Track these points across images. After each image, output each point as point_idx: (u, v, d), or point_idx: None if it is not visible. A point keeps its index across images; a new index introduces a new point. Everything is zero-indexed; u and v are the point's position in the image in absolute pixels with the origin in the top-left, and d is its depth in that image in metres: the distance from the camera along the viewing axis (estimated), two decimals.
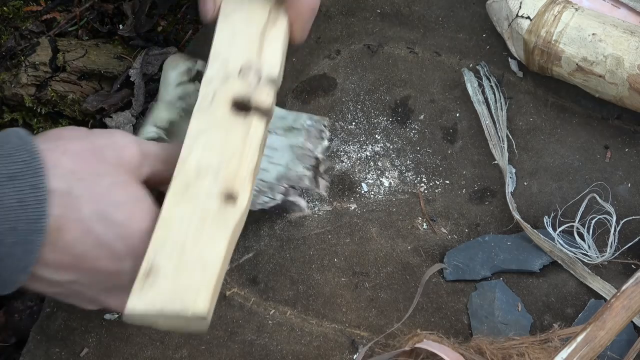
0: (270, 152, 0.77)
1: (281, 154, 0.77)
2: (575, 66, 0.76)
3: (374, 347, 0.70)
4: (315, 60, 0.84)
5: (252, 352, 0.72)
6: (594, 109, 0.80)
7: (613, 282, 0.73)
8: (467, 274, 0.74)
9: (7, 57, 0.84)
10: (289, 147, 0.77)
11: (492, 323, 0.72)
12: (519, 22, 0.77)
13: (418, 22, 0.85)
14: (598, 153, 0.78)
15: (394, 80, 0.83)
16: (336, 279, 0.74)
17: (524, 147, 0.79)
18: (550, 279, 0.74)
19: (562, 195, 0.77)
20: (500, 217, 0.77)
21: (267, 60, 0.73)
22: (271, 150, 0.77)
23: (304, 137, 0.78)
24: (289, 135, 0.78)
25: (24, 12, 0.89)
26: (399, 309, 0.73)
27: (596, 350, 0.64)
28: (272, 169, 0.76)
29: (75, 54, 0.84)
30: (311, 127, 0.79)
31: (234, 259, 0.76)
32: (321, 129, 0.79)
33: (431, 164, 0.79)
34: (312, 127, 0.79)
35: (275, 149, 0.77)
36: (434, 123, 0.81)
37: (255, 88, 0.70)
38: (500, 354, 0.66)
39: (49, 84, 0.82)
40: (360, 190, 0.79)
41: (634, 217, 0.75)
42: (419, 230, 0.77)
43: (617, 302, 0.65)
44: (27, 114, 0.84)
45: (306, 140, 0.78)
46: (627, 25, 0.76)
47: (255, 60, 0.73)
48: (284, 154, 0.77)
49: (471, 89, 0.81)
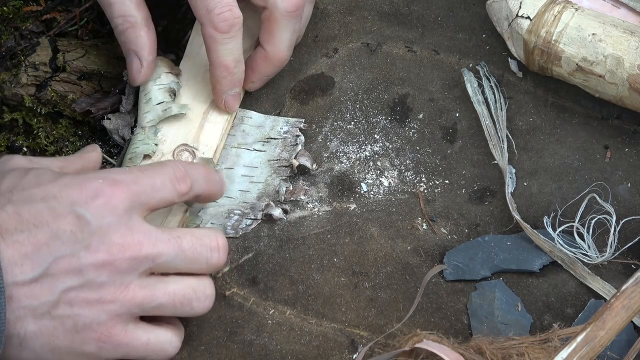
0: (250, 171, 0.78)
1: (260, 170, 0.78)
2: (575, 66, 0.76)
3: (373, 347, 0.70)
4: (312, 59, 0.84)
5: (252, 352, 0.72)
6: (594, 109, 0.80)
7: (613, 282, 0.72)
8: (466, 274, 0.74)
9: (7, 57, 0.84)
10: (267, 163, 0.78)
11: (492, 323, 0.71)
12: (519, 22, 0.77)
13: (417, 21, 0.85)
14: (598, 153, 0.78)
15: (393, 79, 0.83)
16: (336, 278, 0.74)
17: (524, 147, 0.79)
18: (550, 279, 0.74)
19: (562, 195, 0.77)
20: (500, 217, 0.76)
21: (204, 141, 0.77)
22: (251, 169, 0.78)
23: (280, 148, 0.78)
24: (266, 148, 0.78)
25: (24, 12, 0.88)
26: (398, 309, 0.73)
27: (596, 350, 0.64)
28: (253, 189, 0.77)
29: (75, 54, 0.84)
30: (287, 134, 0.79)
31: (233, 260, 0.76)
32: (297, 134, 0.79)
33: (431, 164, 0.79)
34: (288, 133, 0.79)
35: (255, 167, 0.78)
36: (433, 123, 0.81)
37: None
38: (500, 354, 0.66)
39: (49, 84, 0.82)
40: (360, 191, 0.78)
41: (634, 217, 0.74)
42: (419, 231, 0.77)
43: (617, 302, 0.64)
44: (27, 114, 0.84)
45: (282, 151, 0.78)
46: (627, 25, 0.76)
47: (191, 140, 0.77)
48: (263, 170, 0.78)
49: (471, 88, 0.81)
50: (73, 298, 0.63)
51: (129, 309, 0.65)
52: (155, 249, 0.65)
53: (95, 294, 0.64)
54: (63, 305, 0.63)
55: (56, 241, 0.63)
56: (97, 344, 0.65)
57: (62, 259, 0.63)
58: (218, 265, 0.69)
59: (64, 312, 0.63)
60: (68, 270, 0.63)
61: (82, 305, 0.64)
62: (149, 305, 0.66)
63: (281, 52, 0.78)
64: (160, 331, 0.68)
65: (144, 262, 0.65)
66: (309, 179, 0.79)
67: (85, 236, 0.64)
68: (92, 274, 0.64)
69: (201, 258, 0.68)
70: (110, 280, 0.64)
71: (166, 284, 0.67)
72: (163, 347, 0.68)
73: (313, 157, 0.80)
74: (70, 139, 0.84)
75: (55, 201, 0.64)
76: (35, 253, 0.62)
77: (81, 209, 0.64)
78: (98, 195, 0.65)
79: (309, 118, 0.81)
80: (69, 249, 0.63)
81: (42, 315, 0.63)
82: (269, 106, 0.82)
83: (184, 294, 0.68)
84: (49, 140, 0.84)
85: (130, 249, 0.64)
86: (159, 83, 0.79)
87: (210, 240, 0.69)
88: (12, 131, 0.84)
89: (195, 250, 0.68)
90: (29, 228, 0.63)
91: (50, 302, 0.63)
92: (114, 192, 0.65)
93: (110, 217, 0.64)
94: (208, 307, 0.69)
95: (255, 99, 0.83)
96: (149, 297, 0.66)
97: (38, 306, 0.63)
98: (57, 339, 0.64)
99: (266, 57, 0.79)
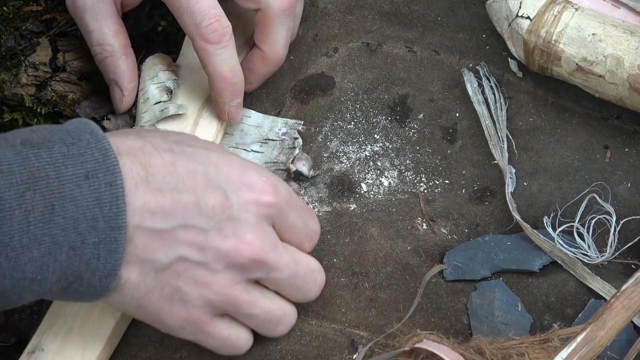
0: None
1: None
2: (575, 66, 0.76)
3: (373, 347, 0.70)
4: (312, 58, 0.84)
5: (252, 352, 0.72)
6: (594, 109, 0.80)
7: (613, 282, 0.72)
8: (466, 274, 0.74)
9: (7, 57, 0.84)
10: (263, 165, 0.78)
11: (492, 323, 0.71)
12: (519, 22, 0.77)
13: (417, 21, 0.85)
14: (598, 153, 0.78)
15: (393, 79, 0.83)
16: (335, 279, 0.74)
17: (524, 147, 0.79)
18: (550, 279, 0.74)
19: (562, 195, 0.77)
20: (500, 217, 0.76)
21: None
22: None
23: (277, 151, 0.78)
24: (264, 149, 0.78)
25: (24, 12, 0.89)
26: (398, 309, 0.73)
27: (596, 350, 0.64)
28: None
29: (75, 54, 0.84)
30: (285, 135, 0.79)
31: None
32: (295, 136, 0.79)
33: (431, 164, 0.79)
34: (286, 135, 0.79)
35: None
36: (433, 123, 0.81)
37: None
38: (500, 354, 0.66)
39: (49, 84, 0.82)
40: (360, 191, 0.79)
41: (634, 217, 0.74)
42: (419, 231, 0.77)
43: (617, 302, 0.64)
44: (27, 114, 0.84)
45: (280, 153, 0.78)
46: (627, 25, 0.76)
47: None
48: None
49: (471, 89, 0.81)
50: (184, 270, 0.63)
51: (226, 306, 0.66)
52: (277, 263, 0.66)
53: (205, 276, 0.64)
54: (172, 272, 0.63)
55: (196, 208, 0.63)
56: (181, 323, 0.65)
57: (193, 228, 0.63)
58: (311, 299, 0.71)
59: (169, 280, 0.63)
60: (193, 241, 0.63)
61: (188, 281, 0.64)
62: (243, 311, 0.66)
63: (278, 51, 0.79)
64: (241, 330, 0.68)
65: (260, 269, 0.66)
66: (309, 180, 0.79)
67: (223, 218, 0.63)
68: (212, 256, 0.64)
69: (305, 288, 0.69)
70: (224, 270, 0.64)
71: (266, 298, 0.68)
72: (240, 345, 0.69)
73: (313, 156, 0.80)
74: None
75: (213, 171, 0.64)
76: (173, 209, 0.62)
77: (231, 192, 0.64)
78: (253, 189, 0.65)
79: (309, 118, 0.82)
80: (204, 222, 0.63)
81: (149, 271, 0.63)
82: (269, 105, 0.82)
83: (276, 314, 0.68)
84: None
85: (256, 251, 0.65)
86: (156, 82, 0.79)
87: (318, 275, 0.70)
88: None
89: (304, 279, 0.69)
90: (176, 184, 0.63)
91: (162, 263, 0.63)
92: (269, 196, 0.65)
93: (252, 213, 0.65)
94: (285, 333, 0.71)
95: (256, 98, 0.83)
96: (248, 303, 0.66)
97: (150, 260, 0.62)
98: (149, 300, 0.64)
99: (263, 58, 0.79)
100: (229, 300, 0.65)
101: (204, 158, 0.65)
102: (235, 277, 0.65)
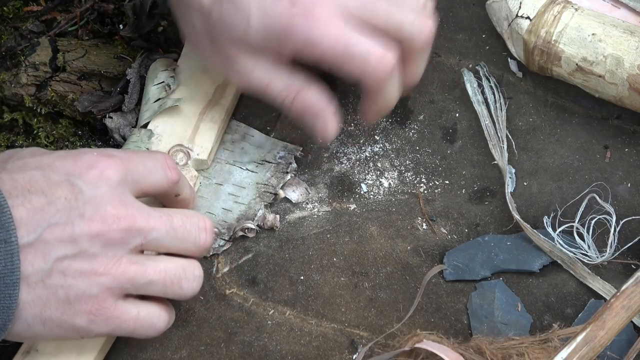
0: (237, 190, 0.78)
1: (247, 192, 0.78)
2: (575, 66, 0.76)
3: (373, 347, 0.70)
4: None
5: (252, 352, 0.72)
6: (594, 109, 0.80)
7: (613, 282, 0.72)
8: (466, 274, 0.74)
9: (7, 57, 0.85)
10: (255, 185, 0.78)
11: (492, 323, 0.71)
12: (519, 22, 0.77)
13: None
14: (598, 153, 0.78)
15: None
16: (335, 278, 0.74)
17: (524, 147, 0.79)
18: (550, 279, 0.74)
19: (562, 195, 0.77)
20: (500, 217, 0.76)
21: (199, 142, 0.77)
22: (239, 189, 0.78)
23: (271, 173, 0.78)
24: (259, 170, 0.78)
25: (24, 12, 0.89)
26: (398, 309, 0.73)
27: (596, 350, 0.64)
28: (236, 209, 0.77)
29: (75, 54, 0.84)
30: (282, 159, 0.79)
31: (233, 260, 0.76)
32: (290, 161, 0.79)
33: (430, 164, 0.79)
34: (282, 159, 0.79)
35: (243, 187, 0.78)
36: (433, 123, 0.81)
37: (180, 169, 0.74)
38: (500, 354, 0.66)
39: (49, 84, 0.82)
40: (360, 191, 0.79)
41: (634, 217, 0.74)
42: (419, 230, 0.77)
43: (617, 302, 0.64)
44: (27, 114, 0.84)
45: (272, 176, 0.78)
46: (627, 25, 0.76)
47: (187, 141, 0.77)
48: (250, 192, 0.78)
49: (471, 89, 0.81)
50: (66, 267, 0.63)
51: (121, 284, 0.65)
52: (149, 223, 0.66)
53: (88, 264, 0.64)
54: (56, 274, 0.63)
55: (50, 207, 0.63)
56: (88, 317, 0.65)
57: (57, 226, 0.63)
58: (205, 246, 0.70)
59: (57, 282, 0.63)
60: (62, 238, 0.63)
61: (75, 276, 0.64)
62: (139, 282, 0.66)
63: (418, 79, 0.76)
64: (149, 305, 0.68)
65: (136, 236, 0.65)
66: (309, 180, 0.79)
67: (79, 204, 0.64)
68: (86, 243, 0.64)
69: (190, 237, 0.68)
70: (103, 251, 0.64)
71: (157, 261, 0.67)
72: (152, 322, 0.68)
73: (313, 157, 0.80)
74: (70, 139, 0.84)
75: (49, 170, 0.64)
76: (30, 218, 0.62)
77: (75, 178, 0.64)
78: (92, 166, 0.65)
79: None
80: (64, 216, 0.63)
81: (35, 283, 0.63)
82: (269, 105, 0.82)
83: (175, 272, 0.68)
84: (49, 140, 0.84)
85: (124, 220, 0.65)
86: (156, 82, 0.79)
87: (198, 220, 0.69)
88: (12, 131, 0.85)
89: (185, 229, 0.68)
90: (23, 193, 0.63)
91: (44, 270, 0.63)
92: (109, 164, 0.65)
93: (104, 187, 0.65)
94: (197, 288, 0.69)
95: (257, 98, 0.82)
96: (140, 272, 0.66)
97: (32, 273, 0.62)
98: (49, 310, 0.64)
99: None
100: (121, 276, 0.65)
101: (36, 164, 0.65)
102: (117, 253, 0.65)
